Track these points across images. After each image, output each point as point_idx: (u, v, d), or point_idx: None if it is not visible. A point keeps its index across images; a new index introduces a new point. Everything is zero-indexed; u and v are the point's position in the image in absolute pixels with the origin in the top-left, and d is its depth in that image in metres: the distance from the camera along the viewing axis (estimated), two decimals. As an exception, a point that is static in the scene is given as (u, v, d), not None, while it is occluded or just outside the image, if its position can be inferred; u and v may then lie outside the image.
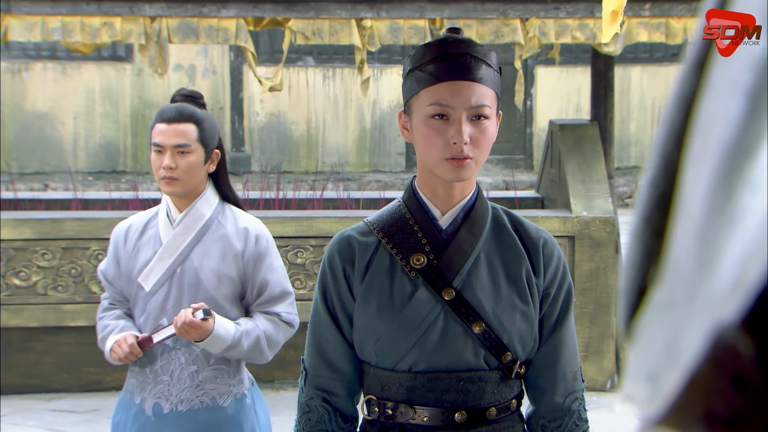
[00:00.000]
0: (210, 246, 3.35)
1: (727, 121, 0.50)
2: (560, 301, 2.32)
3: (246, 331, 3.27)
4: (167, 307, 3.32)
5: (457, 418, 2.25)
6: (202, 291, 3.31)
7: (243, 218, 3.40)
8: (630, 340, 0.56)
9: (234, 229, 3.36)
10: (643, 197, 0.59)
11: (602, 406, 5.81)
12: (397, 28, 6.00)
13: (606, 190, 6.42)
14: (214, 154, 3.38)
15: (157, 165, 3.32)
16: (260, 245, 3.35)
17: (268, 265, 3.36)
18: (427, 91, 2.21)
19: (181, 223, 3.35)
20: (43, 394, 6.14)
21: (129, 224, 3.45)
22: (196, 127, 3.32)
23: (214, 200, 3.40)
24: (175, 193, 3.33)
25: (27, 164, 14.01)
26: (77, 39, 5.86)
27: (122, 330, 3.33)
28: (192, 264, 3.33)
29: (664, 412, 0.51)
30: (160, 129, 3.32)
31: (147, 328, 3.33)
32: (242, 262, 3.33)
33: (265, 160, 14.25)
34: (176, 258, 3.34)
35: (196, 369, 3.32)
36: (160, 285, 3.33)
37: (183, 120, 3.31)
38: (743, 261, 0.47)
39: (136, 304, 3.37)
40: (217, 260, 3.33)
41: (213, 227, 3.36)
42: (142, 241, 3.38)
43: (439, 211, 2.30)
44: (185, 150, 3.29)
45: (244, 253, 3.33)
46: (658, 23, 6.09)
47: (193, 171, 3.31)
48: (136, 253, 3.37)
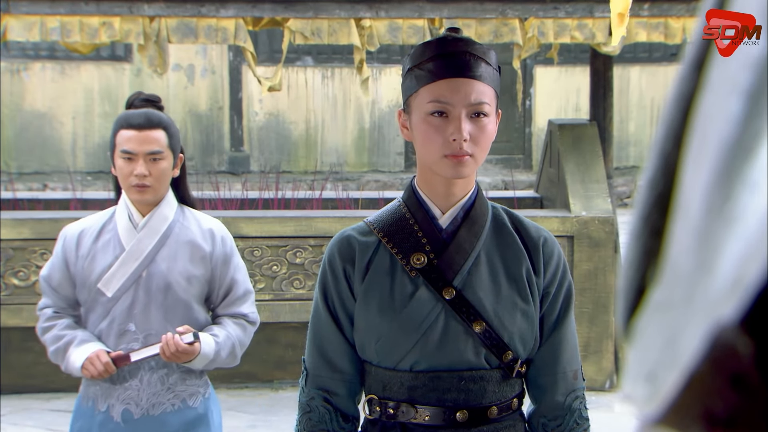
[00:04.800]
0: (176, 248, 3.32)
1: (726, 121, 0.50)
2: (560, 299, 2.32)
3: (223, 342, 3.29)
4: (134, 312, 3.29)
5: (459, 417, 2.25)
6: (171, 294, 3.29)
7: (205, 220, 3.40)
8: (629, 339, 0.56)
9: (199, 231, 3.35)
10: (641, 197, 0.59)
11: (601, 406, 5.81)
12: (396, 27, 6.00)
13: (605, 190, 6.41)
14: (179, 158, 3.36)
15: (127, 172, 3.26)
16: (226, 246, 3.36)
17: (235, 265, 3.38)
18: (427, 88, 2.21)
19: (145, 227, 3.30)
20: (42, 393, 6.14)
21: (81, 228, 3.37)
22: (165, 133, 3.29)
23: (174, 203, 3.37)
24: (145, 201, 3.29)
25: (26, 164, 14.01)
26: (76, 39, 5.85)
27: (82, 342, 3.28)
28: (158, 267, 3.30)
29: (662, 412, 0.51)
30: (128, 135, 3.25)
31: (111, 333, 3.29)
32: (210, 263, 3.33)
33: (264, 160, 14.25)
34: (141, 262, 3.29)
35: (166, 372, 3.30)
36: (125, 290, 3.28)
37: (153, 126, 3.27)
38: (742, 261, 0.47)
39: (93, 309, 3.32)
40: (185, 262, 3.32)
41: (176, 229, 3.33)
42: (98, 245, 3.32)
43: (439, 211, 2.30)
44: (158, 157, 3.26)
45: (213, 254, 3.34)
46: (657, 23, 6.09)
47: (165, 177, 3.29)
48: (92, 258, 3.31)
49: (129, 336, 3.29)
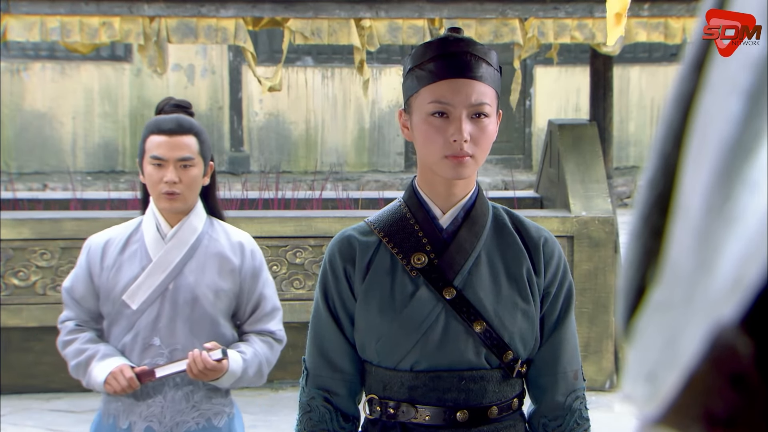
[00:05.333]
0: (205, 261, 3.22)
1: (726, 121, 0.50)
2: (561, 299, 2.33)
3: (250, 360, 3.19)
4: (159, 326, 3.19)
5: (459, 417, 2.25)
6: (198, 307, 3.20)
7: (234, 232, 3.30)
8: (629, 339, 0.56)
9: (228, 244, 3.25)
10: (642, 197, 0.59)
11: (601, 406, 5.81)
12: (396, 27, 6.00)
13: (605, 190, 6.41)
14: (209, 166, 3.26)
15: (157, 179, 3.16)
16: (256, 260, 3.27)
17: (264, 280, 3.29)
18: (428, 89, 2.21)
19: (173, 237, 3.20)
20: (42, 394, 6.13)
21: (107, 238, 3.27)
22: (197, 139, 3.19)
23: (203, 214, 3.27)
24: (175, 209, 3.19)
25: (26, 164, 14.01)
26: (76, 39, 5.85)
27: (105, 356, 3.17)
28: (186, 280, 3.20)
29: (662, 412, 0.51)
30: (158, 141, 3.16)
31: (136, 348, 3.19)
32: (239, 277, 3.24)
33: (264, 160, 14.24)
34: (168, 274, 3.19)
35: (192, 389, 3.20)
36: (150, 303, 3.19)
37: (184, 132, 3.17)
38: (742, 261, 0.47)
39: (117, 322, 3.21)
40: (213, 275, 3.22)
41: (205, 241, 3.23)
42: (124, 256, 3.22)
43: (439, 211, 2.30)
44: (188, 163, 3.16)
45: (242, 268, 3.24)
46: (656, 23, 6.09)
47: (195, 185, 3.19)
48: (118, 270, 3.21)
49: (154, 350, 3.19)
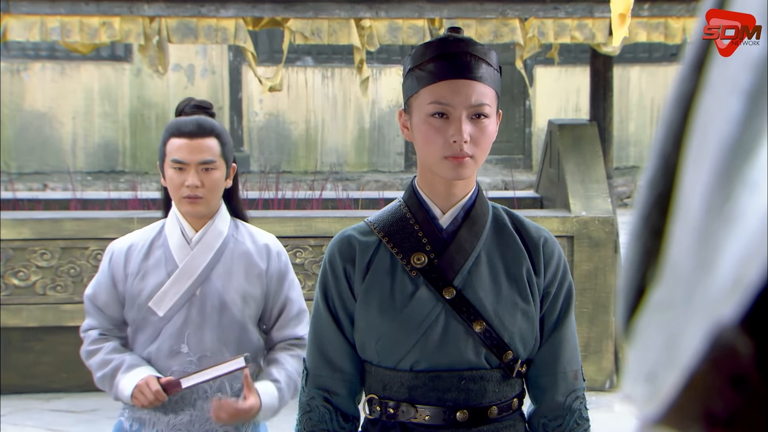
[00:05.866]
0: (232, 265, 3.14)
1: (726, 121, 0.50)
2: (561, 300, 2.32)
3: (285, 386, 3.11)
4: (187, 332, 3.11)
5: (459, 417, 2.25)
6: (227, 314, 3.12)
7: (260, 235, 3.22)
8: (629, 339, 0.56)
9: (254, 247, 3.17)
10: (642, 197, 0.59)
11: (601, 406, 5.81)
12: (396, 27, 6.00)
13: (605, 190, 6.41)
14: (231, 168, 3.18)
15: (178, 183, 3.07)
16: (281, 262, 3.19)
17: (290, 282, 3.21)
18: (427, 89, 2.21)
19: (199, 242, 3.13)
20: (42, 394, 6.13)
21: (129, 244, 3.18)
22: (218, 141, 3.11)
23: (227, 217, 3.19)
24: (198, 214, 3.11)
25: (26, 164, 14.01)
26: (76, 39, 5.85)
27: (130, 367, 3.08)
28: (213, 286, 3.12)
29: (662, 412, 0.51)
30: (179, 144, 3.07)
31: (162, 355, 3.11)
32: (266, 281, 3.16)
33: (264, 160, 14.25)
34: (195, 280, 3.11)
35: (220, 397, 3.09)
36: (177, 309, 3.10)
37: (205, 134, 3.09)
38: (742, 261, 0.47)
39: (143, 329, 3.14)
40: (241, 280, 3.14)
41: (231, 245, 3.15)
42: (150, 263, 3.14)
43: (439, 211, 2.30)
44: (210, 166, 3.07)
45: (268, 271, 3.16)
46: (657, 23, 6.09)
47: (218, 189, 3.11)
48: (143, 276, 3.13)
49: (181, 358, 3.11)
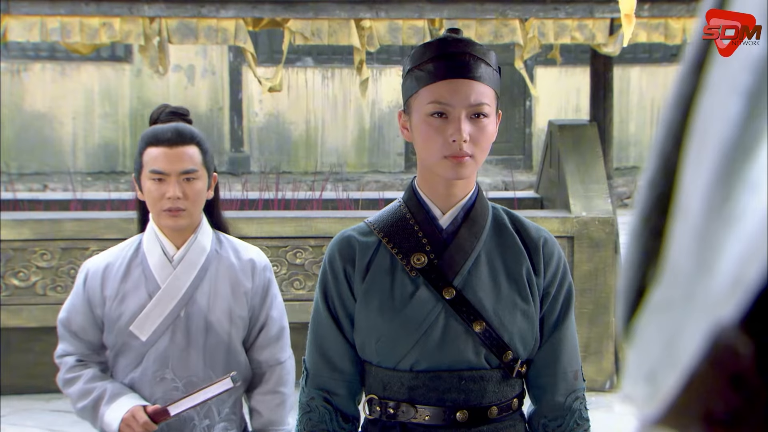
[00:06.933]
0: (216, 283, 2.97)
1: (726, 121, 0.50)
2: (560, 300, 2.33)
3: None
4: (171, 357, 2.94)
5: (459, 417, 2.25)
6: (212, 336, 2.95)
7: (244, 249, 3.05)
8: (629, 340, 0.56)
9: (239, 263, 3.00)
10: (642, 197, 0.59)
11: (601, 407, 5.81)
12: (396, 28, 6.00)
13: (605, 191, 6.41)
14: (213, 178, 3.01)
15: (158, 195, 2.89)
16: (266, 277, 3.03)
17: (272, 299, 3.04)
18: (427, 89, 2.21)
19: (182, 260, 2.95)
20: (43, 394, 6.13)
21: (105, 264, 2.99)
22: (199, 149, 2.93)
23: (209, 230, 3.01)
24: (179, 227, 2.93)
25: (26, 165, 14.01)
26: (76, 39, 5.85)
27: (113, 397, 2.91)
28: (198, 306, 2.95)
29: (662, 412, 0.51)
30: (157, 153, 2.89)
31: (145, 381, 2.94)
32: (250, 299, 3.00)
33: (264, 161, 14.24)
34: (179, 301, 2.94)
35: (209, 424, 2.97)
36: (161, 333, 2.94)
37: (185, 142, 2.91)
38: (742, 261, 0.47)
39: (124, 354, 2.96)
40: (227, 299, 2.97)
41: (215, 262, 2.98)
42: (128, 284, 2.96)
43: (439, 211, 2.30)
44: (192, 176, 2.89)
45: (253, 288, 3.00)
46: (657, 23, 6.09)
47: (200, 200, 2.93)
48: (122, 299, 2.95)
49: (166, 384, 2.95)
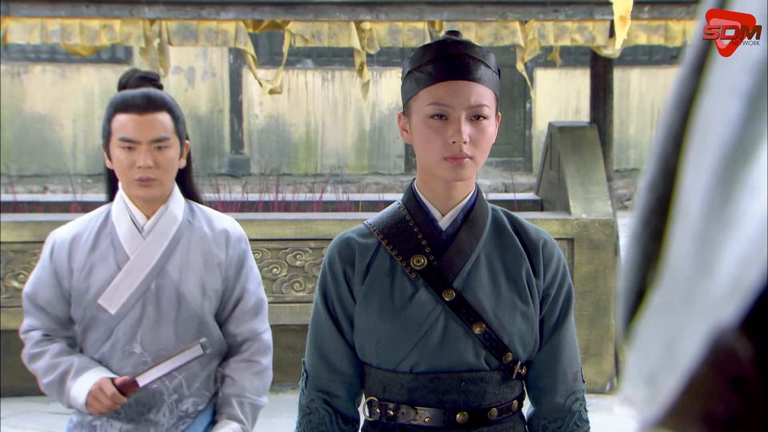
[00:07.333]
0: (189, 254, 2.88)
1: (726, 123, 0.50)
2: (560, 301, 2.33)
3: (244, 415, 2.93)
4: (141, 330, 2.85)
5: (459, 418, 2.25)
6: (184, 308, 2.86)
7: (217, 219, 2.96)
8: (629, 342, 0.56)
9: (212, 233, 2.91)
10: (642, 200, 0.58)
11: (601, 409, 5.81)
12: (396, 30, 6.00)
13: (605, 193, 6.41)
14: (185, 146, 2.91)
15: (128, 164, 2.78)
16: (240, 249, 2.94)
17: (248, 271, 2.95)
18: (426, 91, 2.21)
19: (153, 230, 2.86)
20: (42, 396, 6.11)
21: (73, 234, 2.89)
22: (170, 116, 2.83)
23: (181, 200, 2.92)
24: (151, 197, 2.83)
25: (26, 166, 14.01)
26: (76, 41, 5.85)
27: (80, 371, 2.82)
28: (170, 278, 2.85)
29: (662, 415, 0.51)
30: (127, 120, 2.77)
31: (115, 356, 2.85)
32: (224, 270, 2.91)
33: (264, 163, 14.25)
34: (149, 272, 2.84)
35: (177, 398, 2.90)
36: (131, 306, 2.84)
37: (156, 108, 2.80)
38: (742, 263, 0.46)
39: (93, 329, 2.86)
40: (199, 271, 2.88)
41: (187, 232, 2.89)
42: (96, 256, 2.86)
43: (439, 213, 2.30)
44: (164, 144, 2.79)
45: (227, 259, 2.91)
46: (657, 26, 6.09)
47: (172, 169, 2.83)
48: (90, 271, 2.85)
49: (135, 358, 2.86)
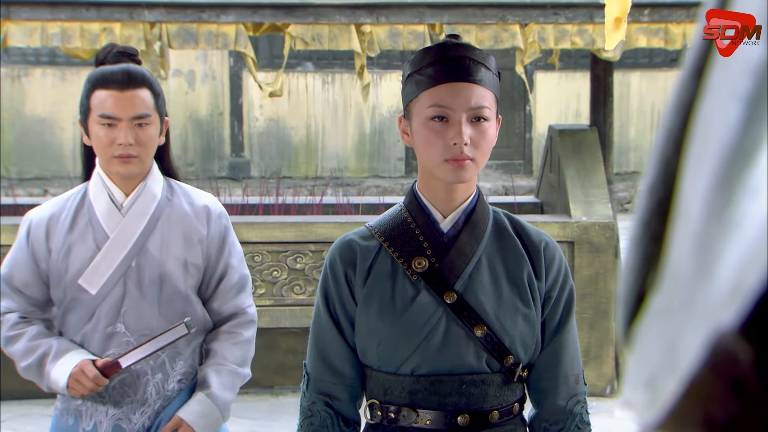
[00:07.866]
0: (169, 232, 2.84)
1: (726, 126, 0.50)
2: (562, 304, 2.33)
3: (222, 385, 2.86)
4: (124, 310, 2.81)
5: (460, 421, 2.25)
6: (168, 286, 2.82)
7: (197, 195, 2.93)
8: (629, 345, 0.56)
9: (192, 210, 2.88)
10: (642, 203, 0.58)
11: (601, 412, 5.81)
12: (396, 33, 6.00)
13: (605, 196, 6.41)
14: (165, 123, 2.87)
15: (107, 141, 2.74)
16: (221, 225, 2.90)
17: (231, 246, 2.92)
18: (427, 93, 2.21)
19: (131, 207, 2.82)
20: (42, 399, 6.12)
21: (50, 214, 2.86)
22: (151, 93, 2.79)
23: (160, 177, 2.88)
24: (130, 174, 2.79)
25: (26, 169, 14.01)
26: (76, 45, 5.85)
27: (59, 353, 2.79)
28: (151, 256, 2.81)
29: (662, 418, 0.51)
30: (106, 96, 2.74)
31: (97, 337, 2.82)
32: (206, 246, 2.87)
33: (264, 166, 14.25)
34: (129, 251, 2.80)
35: (162, 378, 2.86)
36: (112, 285, 2.80)
37: (137, 85, 2.75)
38: (742, 267, 0.46)
39: (73, 310, 2.83)
40: (181, 247, 2.84)
41: (167, 209, 2.85)
42: (74, 235, 2.82)
43: (440, 215, 2.30)
44: (144, 121, 2.76)
45: (208, 235, 2.88)
46: (657, 29, 6.09)
47: (152, 146, 2.80)
48: (68, 251, 2.81)
49: (117, 338, 2.81)
